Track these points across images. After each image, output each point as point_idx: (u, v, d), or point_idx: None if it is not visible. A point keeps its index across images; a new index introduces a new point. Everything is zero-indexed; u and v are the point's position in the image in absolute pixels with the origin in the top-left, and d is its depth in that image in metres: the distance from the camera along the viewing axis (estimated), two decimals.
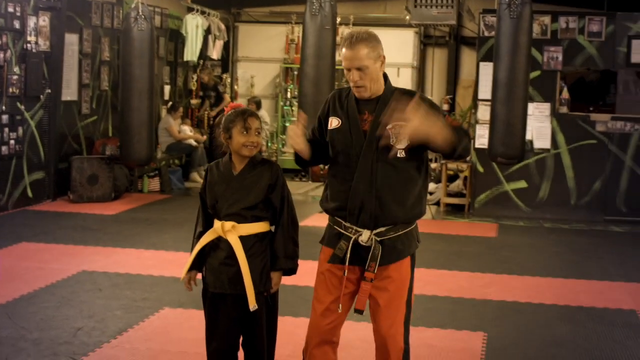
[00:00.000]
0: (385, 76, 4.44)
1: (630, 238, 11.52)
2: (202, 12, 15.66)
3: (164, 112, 15.24)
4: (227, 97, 16.59)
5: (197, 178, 15.07)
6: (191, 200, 13.33)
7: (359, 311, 4.41)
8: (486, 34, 12.85)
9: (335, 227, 4.49)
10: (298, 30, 16.95)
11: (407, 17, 15.35)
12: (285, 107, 17.08)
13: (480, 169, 12.92)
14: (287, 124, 16.90)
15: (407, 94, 4.41)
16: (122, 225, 10.75)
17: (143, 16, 11.24)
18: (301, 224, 5.24)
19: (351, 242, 4.37)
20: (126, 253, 9.26)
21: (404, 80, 16.88)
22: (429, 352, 6.27)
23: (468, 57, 17.11)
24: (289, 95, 17.03)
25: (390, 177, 4.33)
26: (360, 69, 4.30)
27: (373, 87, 4.36)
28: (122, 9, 13.93)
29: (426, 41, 17.42)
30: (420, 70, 17.38)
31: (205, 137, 15.71)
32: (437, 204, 13.57)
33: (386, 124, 4.26)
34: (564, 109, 12.81)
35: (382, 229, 4.36)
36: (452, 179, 13.79)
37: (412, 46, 17.17)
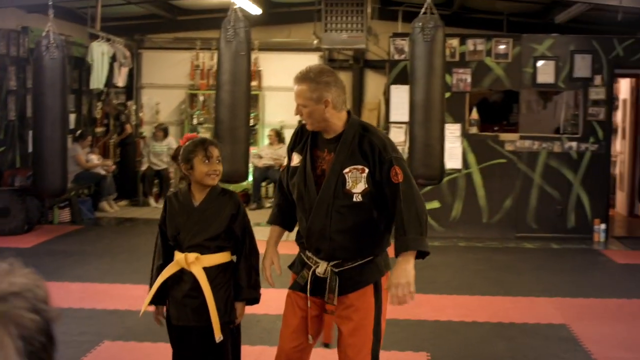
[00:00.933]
0: (348, 113, 4.41)
1: (542, 253, 11.81)
2: (107, 40, 15.49)
3: (69, 141, 15.00)
4: (128, 127, 16.41)
5: (107, 207, 14.88)
6: (104, 231, 13.18)
7: (327, 345, 4.42)
8: (396, 57, 13.04)
9: (302, 255, 4.52)
10: (203, 56, 16.95)
11: (315, 42, 15.50)
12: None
13: None
14: None
15: (368, 132, 4.34)
16: (41, 259, 10.52)
17: (55, 44, 11.05)
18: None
19: (311, 272, 4.40)
20: (52, 287, 9.01)
21: None
22: None
23: (372, 80, 17.31)
24: (195, 121, 16.96)
25: (346, 222, 4.30)
26: (301, 106, 4.31)
27: (319, 125, 4.33)
28: (27, 38, 13.69)
29: (331, 65, 17.56)
30: None
31: (114, 166, 15.52)
32: None
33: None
34: (473, 130, 13.09)
35: (339, 260, 4.35)
36: None
37: None
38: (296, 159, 4.48)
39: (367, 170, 4.26)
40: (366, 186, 4.25)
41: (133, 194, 16.16)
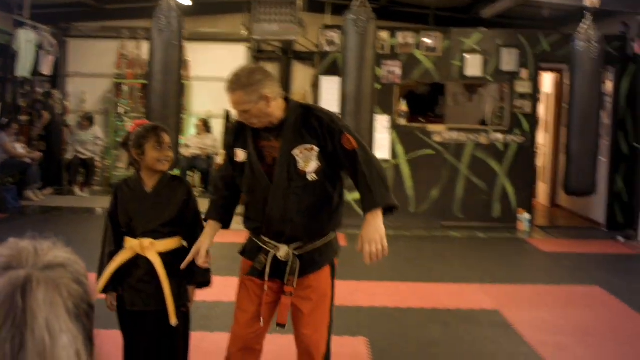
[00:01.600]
0: (286, 99, 4.45)
1: (469, 242, 12.06)
2: (33, 27, 15.30)
3: None
4: (45, 114, 16.19)
5: (32, 196, 14.70)
6: (30, 219, 13.03)
7: (282, 325, 4.49)
8: (327, 49, 13.14)
9: (255, 240, 4.57)
10: (130, 45, 16.83)
11: (244, 33, 15.52)
12: (118, 123, 16.89)
13: None
14: (119, 139, 16.72)
15: (311, 110, 4.43)
16: None
17: None
18: None
19: (270, 256, 4.47)
20: None
21: None
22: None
23: (300, 71, 17.38)
24: (120, 110, 16.85)
25: (303, 202, 4.37)
26: (243, 112, 4.33)
27: (265, 120, 4.36)
28: None
29: (258, 56, 17.58)
30: None
31: (40, 154, 15.33)
32: None
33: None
34: (402, 121, 13.27)
35: (300, 243, 4.44)
36: None
37: (245, 61, 17.31)
38: (241, 155, 4.51)
39: (316, 148, 4.33)
40: (319, 164, 4.33)
41: (58, 183, 16.00)
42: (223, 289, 6.77)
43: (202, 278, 4.79)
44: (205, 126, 16.11)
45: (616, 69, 13.12)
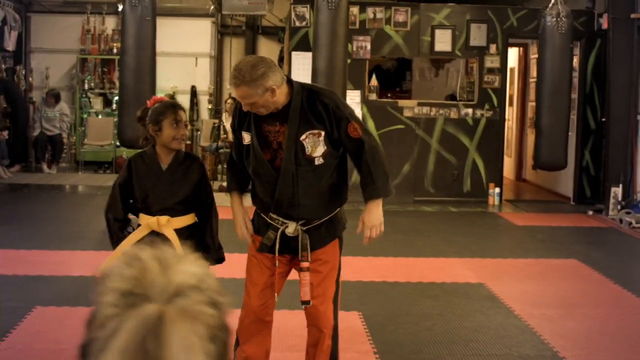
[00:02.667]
0: (289, 82, 4.48)
1: (442, 216, 12.20)
2: None
3: None
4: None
5: (1, 173, 14.57)
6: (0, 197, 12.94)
7: (306, 302, 4.56)
8: (297, 24, 13.14)
9: (263, 215, 4.64)
10: (94, 20, 16.69)
11: (210, 7, 15.47)
12: (82, 99, 16.76)
13: None
14: (85, 116, 16.62)
15: (316, 95, 4.47)
16: None
17: None
18: None
19: (279, 233, 4.54)
20: None
21: (202, 69, 17.04)
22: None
23: (265, 46, 17.38)
24: (86, 86, 16.72)
25: (312, 185, 4.48)
26: (250, 104, 4.37)
27: (272, 107, 4.40)
28: None
29: (223, 31, 17.53)
30: (219, 60, 17.49)
31: (5, 133, 15.16)
32: None
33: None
34: (373, 96, 13.34)
35: (307, 220, 4.55)
36: None
37: (210, 36, 17.27)
38: (247, 138, 4.57)
39: (323, 132, 4.41)
40: (325, 148, 4.43)
41: (25, 160, 15.87)
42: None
43: (216, 254, 4.83)
44: None
45: (583, 44, 13.28)
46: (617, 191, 12.23)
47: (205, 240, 4.79)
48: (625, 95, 12.23)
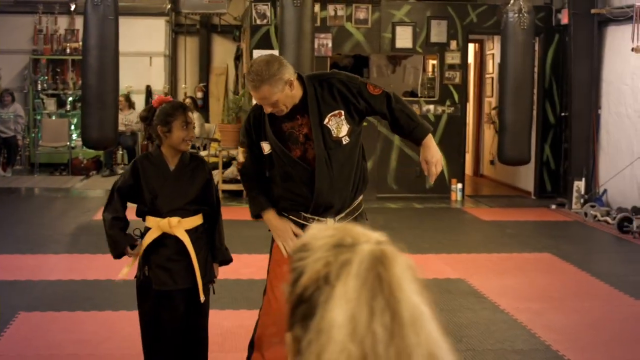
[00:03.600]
0: (298, 76, 4.49)
1: (408, 213, 12.24)
2: None
3: None
4: None
5: None
6: None
7: None
8: (258, 22, 13.08)
9: (293, 217, 4.59)
10: (46, 20, 16.45)
11: (167, 6, 15.34)
12: (36, 100, 16.51)
13: None
14: (39, 117, 16.37)
15: (324, 78, 4.54)
16: None
17: None
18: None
19: None
20: None
21: (156, 69, 16.90)
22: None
23: (220, 45, 17.30)
24: (39, 87, 16.47)
25: (344, 167, 4.51)
26: (272, 104, 4.37)
27: (290, 103, 4.42)
28: None
29: (177, 30, 17.39)
30: (173, 59, 17.35)
31: None
32: None
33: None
34: None
35: (342, 214, 4.56)
36: (226, 165, 13.95)
37: (164, 35, 17.12)
38: (267, 147, 4.56)
39: (343, 111, 4.46)
40: (348, 126, 4.48)
41: None
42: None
43: (223, 256, 4.80)
44: (127, 102, 15.86)
45: (541, 39, 13.41)
46: (580, 185, 12.37)
47: (214, 241, 4.74)
48: (586, 90, 12.38)
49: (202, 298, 4.61)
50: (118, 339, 6.14)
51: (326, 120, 4.43)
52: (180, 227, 4.60)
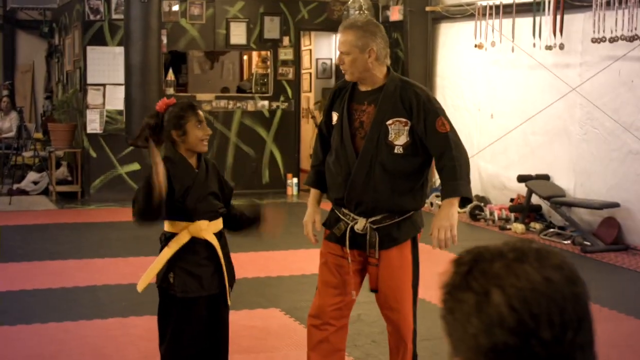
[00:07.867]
0: (388, 68, 4.48)
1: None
2: None
3: None
4: None
5: None
6: None
7: (374, 290, 4.53)
8: (92, 18, 12.69)
9: (336, 211, 4.58)
10: None
11: None
12: None
13: (93, 154, 12.80)
14: None
15: (409, 85, 4.48)
16: None
17: None
18: None
19: (348, 228, 4.46)
20: None
21: None
22: (255, 332, 6.44)
23: (25, 41, 16.59)
24: None
25: (387, 173, 4.40)
26: (345, 54, 4.38)
27: (357, 74, 4.40)
28: None
29: None
30: None
31: None
32: (46, 192, 13.21)
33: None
34: (170, 90, 13.15)
35: (378, 217, 4.44)
36: (56, 166, 13.48)
37: None
38: (335, 117, 4.54)
39: (409, 123, 4.37)
40: (408, 139, 4.37)
41: None
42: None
43: None
44: None
45: None
46: None
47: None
48: (422, 84, 12.82)
49: (230, 302, 4.53)
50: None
51: (390, 121, 4.37)
52: (209, 230, 4.47)
